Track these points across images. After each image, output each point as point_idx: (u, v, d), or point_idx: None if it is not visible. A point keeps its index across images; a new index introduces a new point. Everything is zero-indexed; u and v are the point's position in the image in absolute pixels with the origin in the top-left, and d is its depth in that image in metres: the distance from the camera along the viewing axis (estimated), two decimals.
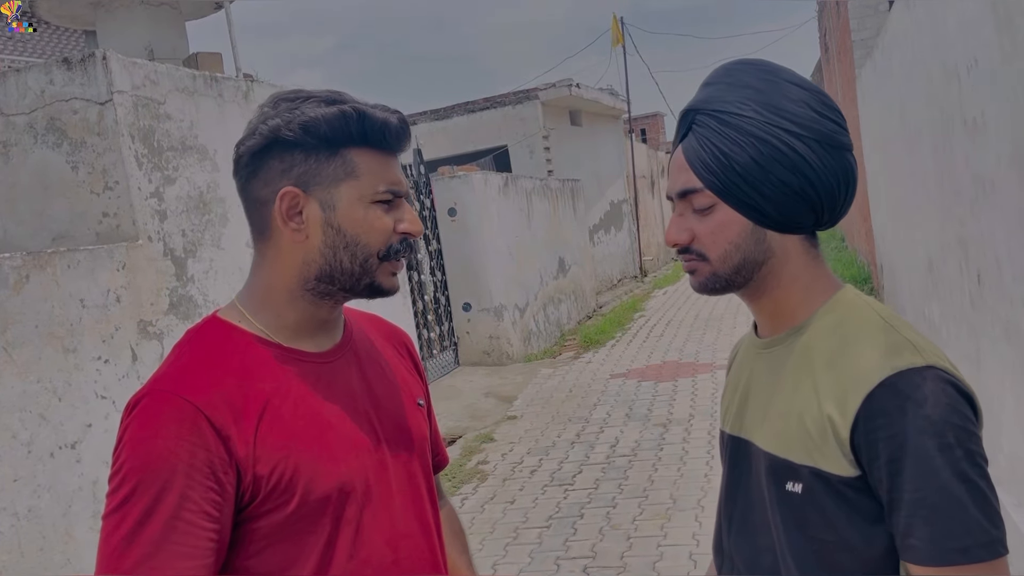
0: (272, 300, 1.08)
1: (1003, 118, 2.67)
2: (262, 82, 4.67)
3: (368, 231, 1.05)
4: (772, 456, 1.01)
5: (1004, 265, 2.90)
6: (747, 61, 1.05)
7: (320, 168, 1.04)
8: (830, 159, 0.99)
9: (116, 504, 0.95)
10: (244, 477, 0.99)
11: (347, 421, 1.08)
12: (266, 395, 1.02)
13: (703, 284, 1.06)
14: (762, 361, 1.08)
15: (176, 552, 0.94)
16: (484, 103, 14.24)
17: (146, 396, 1.00)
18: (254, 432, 1.00)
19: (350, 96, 1.08)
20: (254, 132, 1.05)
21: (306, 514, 1.02)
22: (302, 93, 1.07)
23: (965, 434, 0.90)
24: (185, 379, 1.00)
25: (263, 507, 1.00)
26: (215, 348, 1.05)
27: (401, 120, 1.08)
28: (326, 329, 1.12)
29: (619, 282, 16.87)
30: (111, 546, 0.94)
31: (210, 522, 0.96)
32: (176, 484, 0.95)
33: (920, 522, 0.88)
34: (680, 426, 5.98)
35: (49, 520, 2.89)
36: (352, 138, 1.04)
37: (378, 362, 1.18)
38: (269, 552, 1.02)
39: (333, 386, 1.09)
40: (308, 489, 1.01)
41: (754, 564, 1.05)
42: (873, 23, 9.56)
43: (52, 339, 3.03)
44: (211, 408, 0.98)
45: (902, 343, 0.94)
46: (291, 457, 1.01)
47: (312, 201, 1.04)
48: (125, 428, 0.99)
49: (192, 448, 0.96)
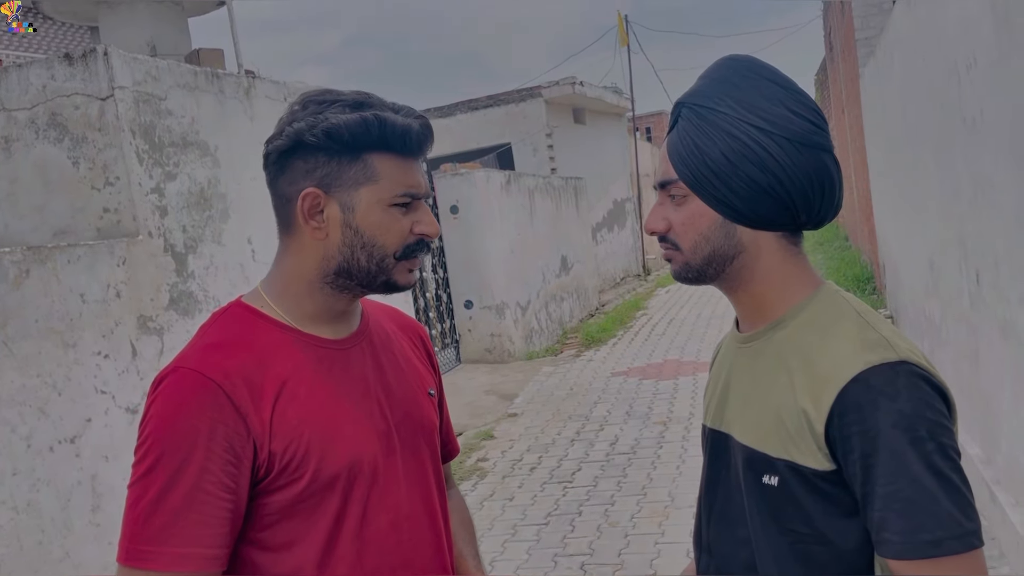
0: (293, 289, 1.14)
1: (1001, 116, 2.67)
2: (263, 78, 4.67)
3: (385, 233, 1.10)
4: (749, 449, 1.02)
5: (1002, 264, 2.90)
6: (734, 57, 1.06)
7: (341, 171, 1.09)
8: (801, 158, 1.00)
9: (141, 473, 1.02)
10: (260, 452, 1.04)
11: (359, 406, 1.13)
12: (283, 377, 1.08)
13: (677, 273, 1.09)
14: (742, 356, 1.09)
15: (195, 520, 1.00)
16: (488, 101, 14.24)
17: (172, 373, 1.06)
18: (271, 410, 1.05)
19: (377, 99, 1.12)
20: (281, 132, 1.10)
21: (316, 491, 1.07)
22: (330, 95, 1.11)
23: (938, 428, 0.90)
24: (208, 358, 1.06)
25: (276, 482, 1.06)
26: (238, 331, 1.11)
27: (423, 126, 1.12)
28: (344, 318, 1.18)
29: (622, 280, 16.86)
30: (136, 512, 1.01)
31: (227, 493, 1.02)
32: (196, 456, 1.01)
33: (893, 516, 0.89)
34: (680, 424, 5.98)
35: (48, 514, 2.91)
36: (373, 143, 1.08)
37: (392, 352, 1.24)
38: (280, 526, 1.07)
39: (347, 372, 1.14)
40: (319, 467, 1.07)
41: (732, 557, 1.06)
42: (877, 22, 9.52)
43: (52, 334, 3.04)
44: (231, 386, 1.04)
45: (876, 339, 0.95)
46: (304, 436, 1.06)
47: (333, 202, 1.09)
48: (151, 403, 1.05)
49: (212, 423, 1.02)
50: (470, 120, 14.17)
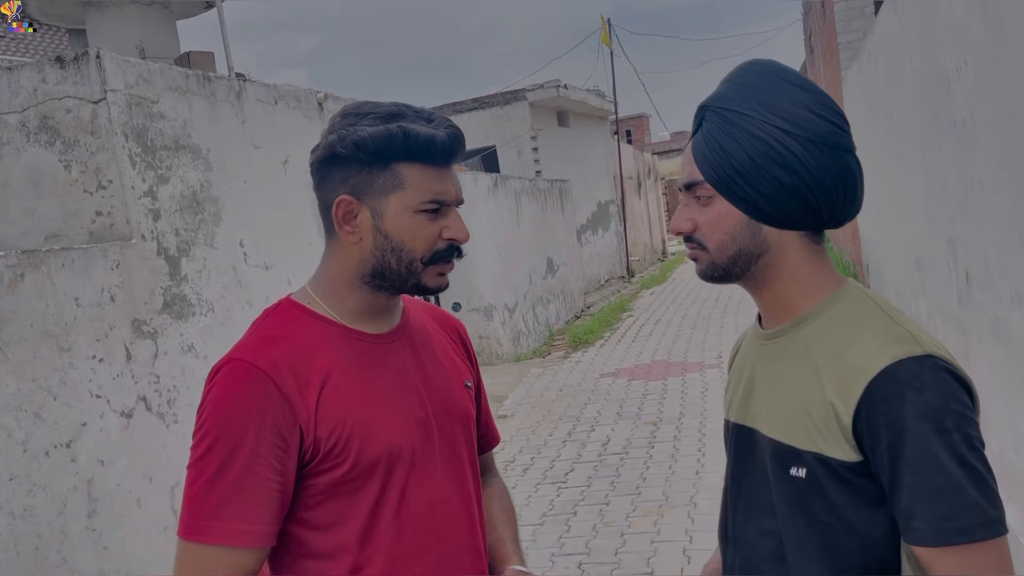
0: (336, 288, 1.22)
1: (992, 119, 2.72)
2: (254, 81, 4.66)
3: (413, 238, 1.17)
4: (777, 442, 1.04)
5: (992, 263, 2.95)
6: (756, 61, 1.08)
7: (372, 180, 1.16)
8: (824, 159, 1.02)
9: (199, 456, 1.10)
10: (306, 438, 1.12)
11: (399, 395, 1.21)
12: (328, 367, 1.16)
13: (703, 272, 1.11)
14: (766, 352, 1.11)
15: (247, 499, 1.08)
16: (472, 103, 14.26)
17: (226, 364, 1.14)
18: (316, 399, 1.13)
19: (411, 110, 1.19)
20: (320, 144, 1.19)
21: (358, 474, 1.15)
22: (366, 107, 1.18)
23: (963, 419, 0.93)
24: (260, 351, 1.14)
25: (321, 466, 1.13)
26: (287, 325, 1.19)
27: (451, 135, 1.17)
28: (385, 314, 1.25)
29: (606, 282, 16.92)
30: (195, 490, 1.09)
31: (276, 475, 1.10)
32: (248, 440, 1.09)
33: (921, 504, 0.91)
34: (671, 424, 6.02)
35: (44, 519, 2.88)
36: (399, 154, 1.15)
37: (431, 346, 1.31)
38: (324, 507, 1.15)
39: (388, 364, 1.22)
40: (361, 452, 1.14)
41: (758, 548, 1.08)
42: (859, 26, 9.64)
43: (47, 338, 3.02)
44: (280, 376, 1.12)
45: (902, 334, 0.98)
46: (348, 423, 1.14)
47: (365, 208, 1.17)
48: (208, 391, 1.14)
49: (262, 411, 1.10)
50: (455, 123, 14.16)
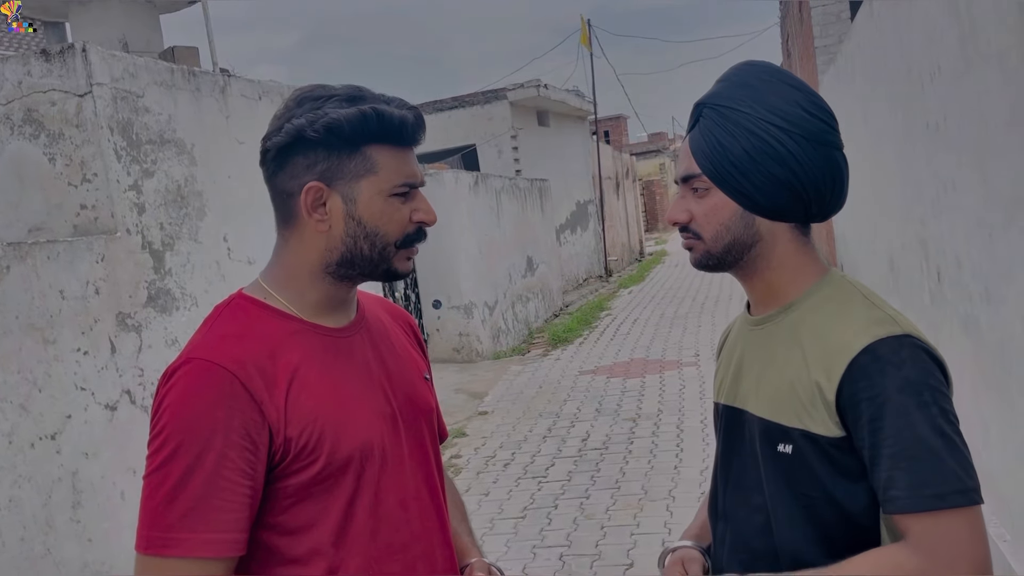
0: (295, 280, 1.17)
1: (964, 122, 2.81)
2: (239, 77, 4.66)
3: (387, 222, 1.15)
4: (765, 421, 1.11)
5: (964, 262, 3.04)
6: (752, 62, 1.15)
7: (342, 164, 1.12)
8: (816, 155, 1.09)
9: (158, 464, 1.03)
10: (276, 439, 1.07)
11: (365, 390, 1.17)
12: (294, 364, 1.11)
13: (698, 260, 1.17)
14: (755, 337, 1.18)
15: (216, 506, 1.02)
16: (452, 102, 14.29)
17: (184, 364, 1.07)
18: (285, 397, 1.08)
19: (369, 92, 1.15)
20: (280, 129, 1.12)
21: (330, 474, 1.10)
22: (324, 91, 1.14)
23: (939, 394, 1.00)
24: (220, 348, 1.08)
25: (292, 467, 1.09)
26: (245, 321, 1.13)
27: (417, 116, 1.16)
28: (343, 307, 1.21)
29: (585, 281, 17.01)
30: (155, 501, 1.02)
31: (246, 479, 1.05)
32: (215, 444, 1.03)
33: (900, 473, 0.97)
34: (649, 420, 6.10)
35: (30, 510, 2.89)
36: (371, 136, 1.12)
37: (388, 339, 1.28)
38: (296, 509, 1.10)
39: (352, 359, 1.18)
40: (333, 450, 1.10)
41: (747, 522, 1.15)
42: (835, 30, 9.80)
43: (32, 330, 3.02)
44: (246, 375, 1.06)
45: (882, 316, 1.05)
46: (318, 421, 1.10)
47: (335, 195, 1.12)
48: (164, 395, 1.06)
49: (229, 411, 1.04)
50: (435, 121, 14.15)
